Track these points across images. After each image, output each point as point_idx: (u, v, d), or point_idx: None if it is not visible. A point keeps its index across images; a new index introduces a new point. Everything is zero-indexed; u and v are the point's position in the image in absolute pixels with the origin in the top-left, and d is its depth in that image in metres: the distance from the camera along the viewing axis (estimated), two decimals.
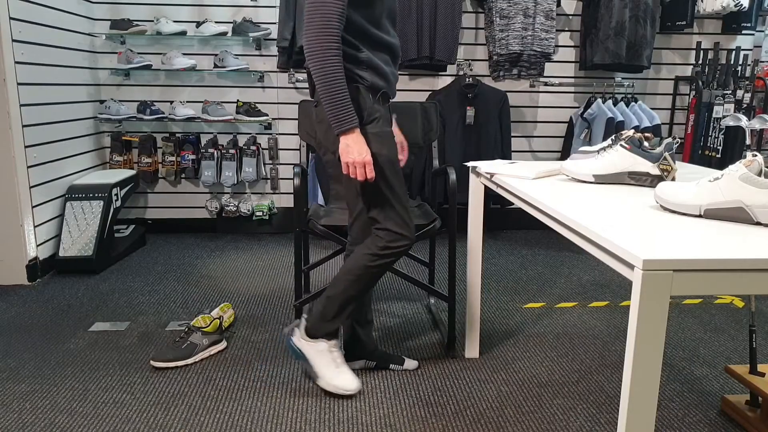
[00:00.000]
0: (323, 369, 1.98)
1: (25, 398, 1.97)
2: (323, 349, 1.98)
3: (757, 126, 2.58)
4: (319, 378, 1.98)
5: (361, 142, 1.75)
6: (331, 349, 1.99)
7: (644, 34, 3.80)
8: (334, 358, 1.99)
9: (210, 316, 2.33)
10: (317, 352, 1.98)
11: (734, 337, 2.50)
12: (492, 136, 3.89)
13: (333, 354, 1.99)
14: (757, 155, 1.23)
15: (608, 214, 1.27)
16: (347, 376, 1.99)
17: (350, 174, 1.79)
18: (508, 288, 3.09)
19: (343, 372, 2.00)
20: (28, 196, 3.05)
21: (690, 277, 0.98)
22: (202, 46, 3.89)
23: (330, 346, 1.99)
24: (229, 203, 4.01)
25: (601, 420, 1.88)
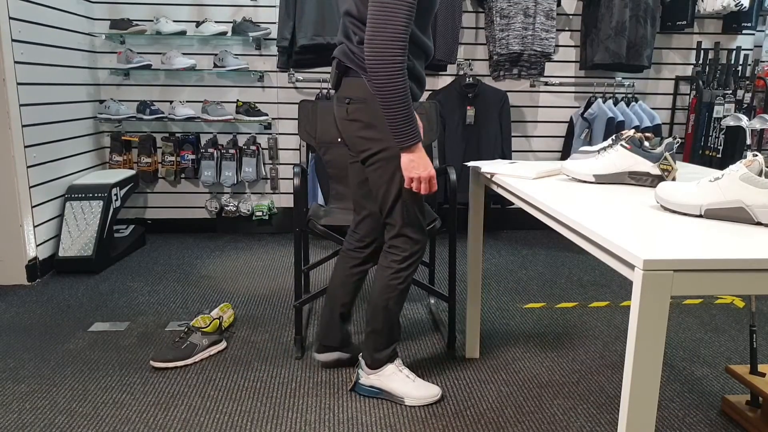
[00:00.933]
0: (404, 388, 1.96)
1: (24, 398, 1.97)
2: (393, 372, 1.97)
3: (758, 126, 2.58)
4: (405, 398, 1.96)
5: (425, 157, 1.73)
6: (399, 368, 1.99)
7: (644, 34, 3.80)
8: (406, 374, 1.99)
9: (210, 316, 2.33)
10: (388, 377, 1.97)
11: (735, 338, 2.50)
12: (492, 136, 3.89)
13: (403, 371, 1.99)
14: (757, 155, 1.23)
15: (609, 214, 1.26)
16: (427, 385, 2.00)
17: (414, 188, 1.76)
18: (508, 288, 3.09)
19: (420, 382, 2.00)
20: (28, 196, 3.05)
21: (690, 277, 0.98)
22: (201, 46, 3.89)
23: (397, 366, 1.99)
24: (229, 203, 4.00)
25: (601, 420, 1.88)
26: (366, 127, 1.78)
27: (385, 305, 1.91)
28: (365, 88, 1.75)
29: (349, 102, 1.79)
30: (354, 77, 1.78)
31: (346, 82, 1.81)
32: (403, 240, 1.88)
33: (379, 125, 1.76)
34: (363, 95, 1.76)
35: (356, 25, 1.74)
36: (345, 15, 1.78)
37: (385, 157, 1.79)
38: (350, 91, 1.79)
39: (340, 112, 1.84)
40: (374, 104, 1.74)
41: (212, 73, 3.90)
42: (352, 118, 1.80)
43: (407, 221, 1.86)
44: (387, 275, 1.90)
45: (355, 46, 1.76)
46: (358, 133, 1.81)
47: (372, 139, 1.78)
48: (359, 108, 1.78)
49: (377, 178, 1.83)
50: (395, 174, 1.80)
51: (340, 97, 1.83)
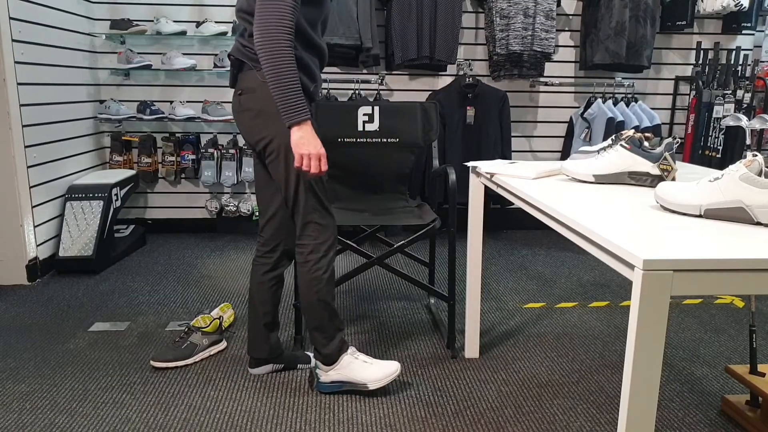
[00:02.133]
0: (364, 374, 1.97)
1: (25, 398, 1.97)
2: (349, 361, 1.97)
3: (757, 126, 2.58)
4: (368, 383, 1.97)
5: (314, 134, 1.74)
6: (354, 355, 1.99)
7: (644, 34, 3.80)
8: (363, 360, 1.99)
9: (210, 316, 2.33)
10: (347, 367, 1.97)
11: (734, 337, 2.50)
12: (492, 136, 3.89)
13: (359, 357, 1.99)
14: (757, 155, 1.23)
15: (608, 214, 1.27)
16: (383, 363, 2.00)
17: (304, 166, 1.74)
18: (508, 288, 3.09)
19: (377, 362, 2.00)
20: (28, 196, 3.05)
21: (690, 277, 0.98)
22: (202, 46, 3.89)
23: (351, 354, 1.99)
24: (229, 203, 4.01)
25: (601, 420, 1.88)
26: (257, 115, 1.81)
27: (317, 299, 1.90)
28: (255, 78, 1.79)
29: (240, 93, 1.84)
30: (247, 71, 1.83)
31: (240, 76, 1.85)
32: (312, 227, 1.88)
33: (269, 112, 1.78)
34: (253, 85, 1.80)
35: (246, 20, 1.79)
36: (237, 12, 1.83)
37: (278, 145, 1.80)
38: (242, 83, 1.84)
39: (234, 105, 1.88)
40: (263, 92, 1.77)
41: (212, 73, 3.91)
42: (244, 108, 1.83)
43: (312, 206, 1.86)
44: (307, 269, 1.89)
45: (246, 40, 1.81)
46: (250, 122, 1.83)
47: (263, 126, 1.80)
48: (249, 97, 1.81)
49: (276, 169, 1.84)
50: (290, 161, 1.80)
51: (235, 91, 1.87)
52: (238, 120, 1.89)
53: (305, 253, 1.89)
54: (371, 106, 2.53)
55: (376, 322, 2.62)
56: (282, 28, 1.65)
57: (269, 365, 2.13)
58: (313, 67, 1.85)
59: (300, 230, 1.89)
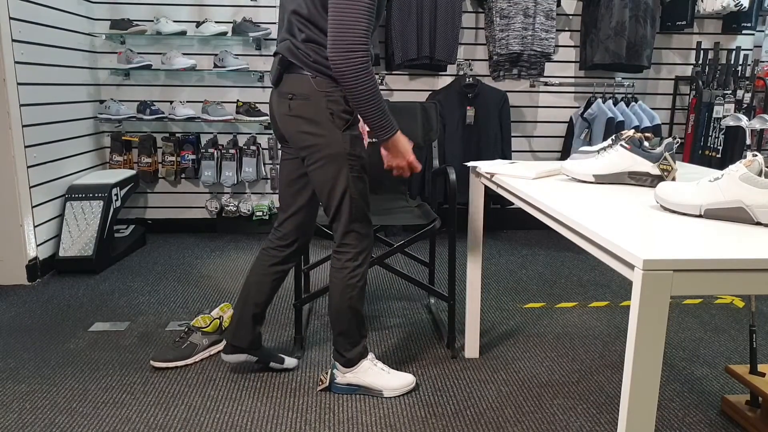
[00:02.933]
0: (380, 381, 1.98)
1: (25, 398, 1.97)
2: (368, 367, 1.98)
3: (757, 126, 2.58)
4: (384, 390, 1.98)
5: (405, 142, 1.84)
6: (373, 362, 2.00)
7: (644, 34, 3.80)
8: (381, 367, 2.01)
9: (210, 316, 2.33)
10: (365, 372, 1.98)
11: (734, 337, 2.50)
12: (492, 136, 3.89)
13: (377, 365, 2.01)
14: (757, 155, 1.23)
15: (608, 214, 1.27)
16: (401, 374, 2.02)
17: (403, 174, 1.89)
18: (508, 288, 3.09)
19: (395, 373, 2.02)
20: (28, 196, 3.05)
21: (690, 277, 0.98)
22: (202, 46, 3.89)
23: (370, 360, 2.00)
24: (229, 203, 4.01)
25: (601, 420, 1.88)
26: (308, 123, 1.79)
27: (348, 305, 1.91)
28: (309, 84, 1.77)
29: (291, 98, 1.80)
30: (297, 73, 1.79)
31: (289, 78, 1.81)
32: (353, 236, 1.89)
33: (322, 122, 1.78)
34: (306, 91, 1.77)
35: (303, 24, 1.76)
36: (292, 14, 1.79)
37: (328, 155, 1.80)
38: (293, 87, 1.80)
39: (282, 108, 1.84)
40: (317, 101, 1.76)
41: (212, 74, 3.91)
42: (295, 114, 1.80)
43: (355, 217, 1.87)
44: (343, 276, 1.90)
45: (300, 42, 1.78)
46: (300, 129, 1.81)
47: (314, 135, 1.79)
48: (302, 104, 1.79)
49: (321, 176, 1.83)
50: (340, 171, 1.81)
51: (282, 93, 1.83)
52: (284, 123, 1.85)
53: (343, 260, 1.90)
54: None
55: (377, 322, 2.62)
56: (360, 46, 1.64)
57: (243, 355, 2.12)
58: None
59: (340, 237, 1.89)
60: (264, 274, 2.05)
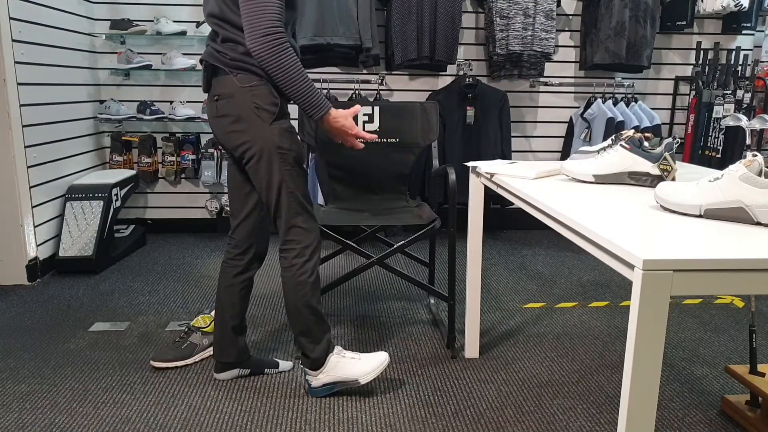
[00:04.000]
0: (353, 370, 1.96)
1: (25, 398, 1.97)
2: (336, 362, 1.96)
3: (757, 126, 2.58)
4: (359, 378, 1.96)
5: (341, 116, 1.84)
6: (341, 354, 1.98)
7: (644, 34, 3.80)
8: (350, 357, 1.99)
9: (210, 316, 2.33)
10: (335, 368, 1.96)
11: (734, 337, 2.50)
12: (492, 136, 3.89)
13: (345, 355, 1.98)
14: (757, 155, 1.23)
15: (608, 214, 1.27)
16: (370, 356, 2.00)
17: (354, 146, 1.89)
18: (508, 288, 3.09)
19: (365, 356, 2.00)
20: (28, 196, 3.05)
21: (690, 277, 0.98)
22: (202, 46, 3.89)
23: (337, 355, 1.97)
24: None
25: (601, 420, 1.88)
26: (235, 121, 1.80)
27: (303, 303, 1.89)
28: (232, 83, 1.79)
29: (217, 99, 1.83)
30: (222, 75, 1.82)
31: (215, 81, 1.84)
32: (296, 231, 1.87)
33: (248, 117, 1.78)
34: (230, 90, 1.79)
35: (220, 25, 1.78)
36: (209, 17, 1.81)
37: (259, 150, 1.80)
38: (218, 89, 1.83)
39: (211, 111, 1.87)
40: (241, 97, 1.78)
41: None
42: (221, 113, 1.82)
43: (295, 211, 1.86)
44: (292, 274, 1.88)
45: (219, 45, 1.80)
46: (228, 128, 1.82)
47: (242, 131, 1.80)
48: (227, 102, 1.80)
49: (256, 174, 1.83)
50: (272, 165, 1.80)
51: (210, 96, 1.86)
52: (214, 125, 1.88)
53: (290, 257, 1.88)
54: (371, 106, 2.53)
55: (376, 322, 2.62)
56: (277, 30, 1.67)
57: (235, 370, 2.11)
58: None
59: (283, 235, 1.88)
60: (230, 286, 2.03)
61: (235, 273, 2.03)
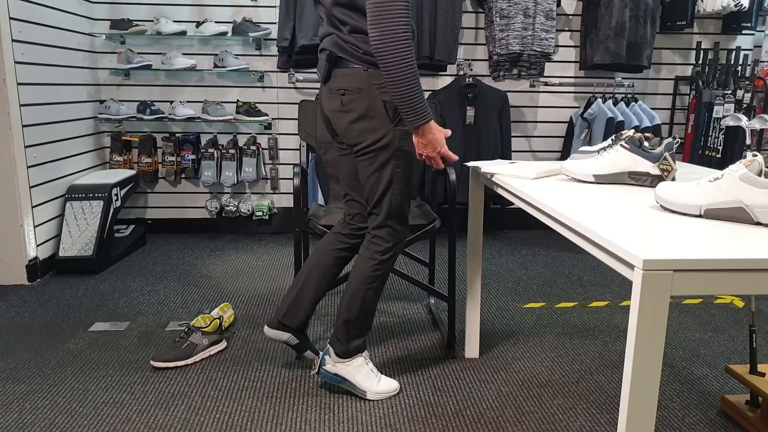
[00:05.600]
0: (367, 383, 1.97)
1: (25, 398, 1.97)
2: (360, 364, 1.96)
3: (757, 126, 2.58)
4: (368, 392, 1.97)
5: (438, 132, 1.74)
6: (367, 360, 1.99)
7: (644, 34, 3.80)
8: (371, 369, 1.99)
9: (210, 316, 2.33)
10: (356, 368, 1.96)
11: (734, 337, 2.50)
12: (492, 136, 3.89)
13: (369, 365, 1.99)
14: (757, 155, 1.23)
15: (608, 214, 1.27)
16: (388, 381, 2.01)
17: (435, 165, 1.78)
18: (508, 288, 3.09)
19: (383, 378, 2.01)
20: (28, 196, 3.05)
21: (690, 277, 0.98)
22: (202, 46, 3.89)
23: (365, 358, 1.98)
24: (229, 203, 4.01)
25: (601, 420, 1.88)
26: (362, 117, 1.77)
27: (364, 296, 1.90)
28: (361, 77, 1.74)
29: (344, 93, 1.77)
30: (347, 67, 1.76)
31: (338, 73, 1.78)
32: (388, 231, 1.88)
33: (376, 115, 1.76)
34: (359, 85, 1.74)
35: (347, 14, 1.71)
36: (333, 5, 1.74)
37: (378, 147, 1.78)
38: (344, 82, 1.77)
39: (333, 104, 1.81)
40: (370, 94, 1.74)
41: (212, 74, 3.91)
42: (348, 109, 1.78)
43: (393, 212, 1.86)
44: (369, 266, 1.89)
45: (346, 35, 1.73)
46: (353, 124, 1.78)
47: (368, 129, 1.77)
48: (355, 98, 1.76)
49: (367, 168, 1.82)
50: (386, 164, 1.80)
51: (333, 89, 1.80)
52: (336, 119, 1.83)
53: (373, 250, 1.89)
54: None
55: (377, 322, 2.62)
56: (401, 25, 1.59)
57: (287, 335, 2.07)
58: None
59: (375, 230, 1.89)
60: (330, 257, 2.04)
61: (340, 248, 2.04)
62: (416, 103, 1.66)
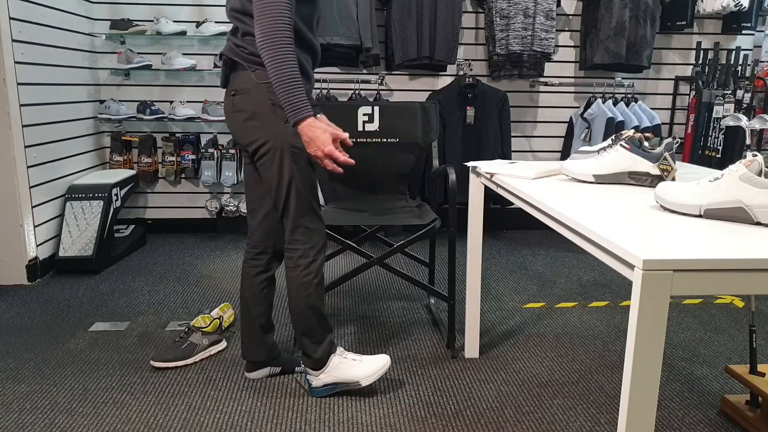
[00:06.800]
0: (354, 372, 1.96)
1: (25, 398, 1.97)
2: (338, 362, 1.96)
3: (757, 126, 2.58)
4: (360, 380, 1.96)
5: (321, 129, 1.67)
6: (342, 355, 1.98)
7: (644, 34, 3.80)
8: (352, 358, 1.98)
9: (210, 316, 2.33)
10: (336, 368, 1.96)
11: (734, 337, 2.50)
12: (492, 136, 3.89)
13: (347, 356, 1.98)
14: (757, 155, 1.23)
15: (608, 214, 1.27)
16: (372, 358, 1.99)
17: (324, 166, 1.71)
18: (508, 288, 3.09)
19: (367, 359, 1.99)
20: (28, 196, 3.05)
21: (690, 277, 0.98)
22: (202, 46, 3.89)
23: (339, 356, 1.97)
24: (229, 203, 4.00)
25: (601, 420, 1.88)
26: (251, 117, 1.79)
27: (306, 304, 1.89)
28: (250, 78, 1.78)
29: (234, 94, 1.82)
30: (240, 71, 1.80)
31: (233, 76, 1.83)
32: (302, 231, 1.86)
33: (264, 114, 1.77)
34: (247, 86, 1.78)
35: (240, 19, 1.77)
36: (231, 12, 1.80)
37: (271, 148, 1.79)
38: (236, 84, 1.81)
39: (227, 106, 1.86)
40: (258, 93, 1.77)
41: (212, 73, 3.91)
42: (237, 108, 1.82)
43: (303, 211, 1.85)
44: (297, 274, 1.88)
45: (240, 39, 1.79)
46: (243, 124, 1.81)
47: (256, 129, 1.79)
48: (243, 98, 1.80)
49: (267, 171, 1.83)
50: (283, 163, 1.80)
51: (228, 92, 1.85)
52: (230, 120, 1.87)
53: (295, 257, 1.88)
54: (371, 106, 2.53)
55: (376, 322, 2.62)
56: (282, 25, 1.64)
57: (267, 368, 2.11)
58: (308, 67, 1.85)
59: (289, 234, 1.87)
60: (253, 285, 2.03)
61: (256, 273, 2.03)
62: (294, 97, 1.65)
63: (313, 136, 1.67)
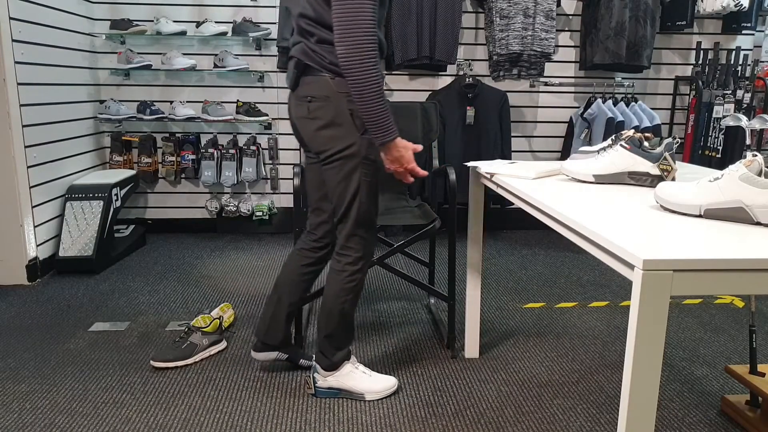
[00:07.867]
0: (363, 385, 1.97)
1: (25, 398, 1.97)
2: (350, 370, 1.97)
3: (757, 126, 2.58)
4: (366, 394, 1.97)
5: (404, 148, 1.74)
6: (355, 365, 1.99)
7: (644, 34, 3.80)
8: (362, 371, 2.00)
9: (210, 316, 2.33)
10: (346, 376, 1.97)
11: (734, 337, 2.50)
12: (492, 136, 3.89)
13: (359, 368, 2.00)
14: (757, 155, 1.23)
15: (608, 214, 1.27)
16: (383, 378, 2.01)
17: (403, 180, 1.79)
18: (508, 288, 3.09)
19: (377, 376, 2.01)
20: (28, 196, 3.05)
21: (690, 277, 0.98)
22: (202, 46, 3.89)
23: (352, 364, 1.99)
24: (229, 203, 4.01)
25: (601, 420, 1.88)
26: (328, 125, 1.78)
27: (341, 309, 1.90)
28: (329, 86, 1.75)
29: (310, 100, 1.79)
30: (314, 75, 1.78)
31: (306, 80, 1.80)
32: (357, 240, 1.87)
33: (342, 123, 1.76)
34: (326, 93, 1.76)
35: (312, 26, 1.74)
36: (300, 17, 1.77)
37: (344, 156, 1.78)
38: (311, 90, 1.78)
39: (300, 111, 1.83)
40: (337, 102, 1.75)
41: (212, 74, 3.91)
42: (314, 116, 1.79)
43: (362, 221, 1.86)
44: (341, 278, 1.89)
45: (314, 44, 1.76)
46: (319, 132, 1.79)
47: (333, 137, 1.78)
48: (321, 106, 1.77)
49: (334, 176, 1.82)
50: (353, 173, 1.80)
51: (300, 96, 1.82)
52: (301, 125, 1.84)
53: (343, 263, 1.89)
54: None
55: (377, 322, 2.62)
56: (369, 42, 1.61)
57: (274, 353, 2.11)
58: (381, 67, 1.83)
59: (344, 240, 1.88)
60: (297, 274, 2.05)
61: (306, 263, 2.04)
62: (382, 120, 1.68)
63: (399, 156, 1.74)
